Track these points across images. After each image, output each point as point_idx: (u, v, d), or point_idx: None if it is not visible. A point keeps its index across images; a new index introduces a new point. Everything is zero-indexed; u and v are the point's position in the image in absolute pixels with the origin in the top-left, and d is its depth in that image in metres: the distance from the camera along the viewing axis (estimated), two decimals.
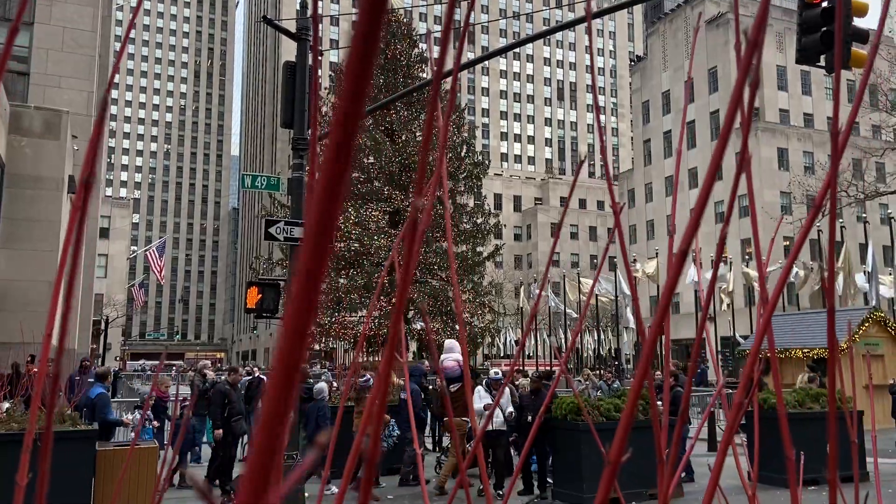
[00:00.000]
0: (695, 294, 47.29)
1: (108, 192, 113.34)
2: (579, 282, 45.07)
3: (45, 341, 0.55)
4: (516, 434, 10.13)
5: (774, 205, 54.18)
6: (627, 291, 41.39)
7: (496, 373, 11.41)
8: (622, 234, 0.72)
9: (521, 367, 33.45)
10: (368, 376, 10.92)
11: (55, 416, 3.73)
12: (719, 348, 38.36)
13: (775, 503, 6.99)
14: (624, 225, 73.58)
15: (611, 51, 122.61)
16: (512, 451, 10.23)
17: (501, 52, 9.31)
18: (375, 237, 27.45)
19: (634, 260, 41.64)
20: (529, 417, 9.80)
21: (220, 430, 10.07)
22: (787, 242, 54.54)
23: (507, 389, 10.19)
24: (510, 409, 10.08)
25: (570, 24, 9.93)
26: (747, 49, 0.44)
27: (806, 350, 19.33)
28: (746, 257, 52.80)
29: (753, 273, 40.24)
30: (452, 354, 11.24)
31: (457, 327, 28.11)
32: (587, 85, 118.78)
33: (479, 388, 10.57)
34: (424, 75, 30.66)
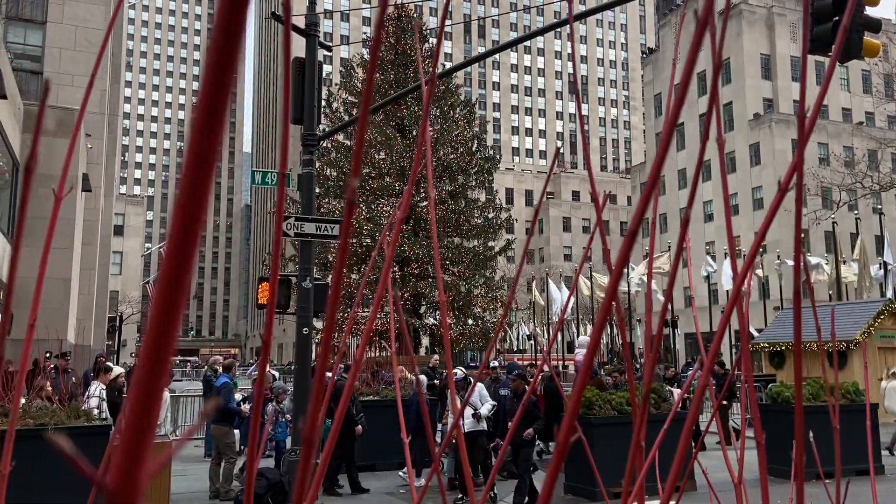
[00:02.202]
0: (708, 287, 46.98)
1: (122, 189, 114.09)
2: (591, 276, 44.94)
3: (28, 332, 0.55)
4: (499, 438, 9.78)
5: (789, 197, 53.55)
6: (634, 280, 41.21)
7: (457, 372, 11.04)
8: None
9: (533, 362, 33.42)
10: (461, 372, 10.86)
11: (70, 411, 3.77)
12: (732, 342, 38.13)
13: (786, 497, 6.92)
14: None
15: (622, 43, 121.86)
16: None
17: (510, 45, 9.27)
18: (388, 233, 27.47)
19: (646, 255, 41.42)
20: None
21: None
22: (803, 235, 53.99)
23: (479, 387, 9.89)
24: (484, 408, 9.77)
25: (582, 16, 9.87)
26: (696, 29, 0.43)
27: (821, 343, 19.15)
28: (761, 250, 52.41)
29: (767, 267, 39.92)
30: (584, 350, 11.48)
31: (470, 322, 28.10)
32: (598, 78, 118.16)
33: (480, 385, 10.35)
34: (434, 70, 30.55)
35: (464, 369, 11.47)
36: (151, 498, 7.81)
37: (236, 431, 10.66)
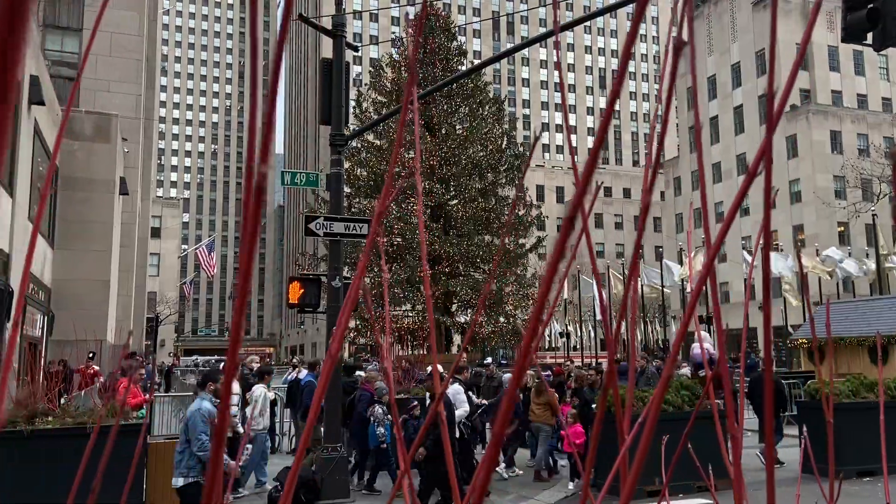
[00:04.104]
0: (744, 283, 46.17)
1: (159, 192, 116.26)
2: (623, 273, 44.43)
3: (13, 330, 0.55)
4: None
5: (828, 190, 52.46)
6: (677, 280, 40.65)
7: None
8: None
9: (569, 359, 33.20)
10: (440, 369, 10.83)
11: (108, 410, 3.82)
12: (771, 338, 37.46)
13: (818, 494, 6.75)
14: (670, 214, 72.24)
15: (654, 36, 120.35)
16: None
17: (538, 40, 9.20)
18: (417, 231, 27.52)
19: (681, 249, 40.83)
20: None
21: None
22: (842, 228, 52.79)
23: (454, 389, 9.39)
24: (461, 410, 9.27)
25: (611, 9, 9.76)
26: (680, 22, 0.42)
27: (861, 338, 18.70)
28: (799, 244, 51.27)
29: (806, 261, 39.06)
30: (703, 344, 11.96)
31: (501, 320, 28.02)
32: (630, 72, 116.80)
33: (457, 385, 9.77)
34: (463, 68, 30.55)
35: (440, 367, 11.07)
36: None
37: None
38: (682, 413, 9.55)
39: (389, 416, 10.21)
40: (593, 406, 10.06)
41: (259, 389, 10.27)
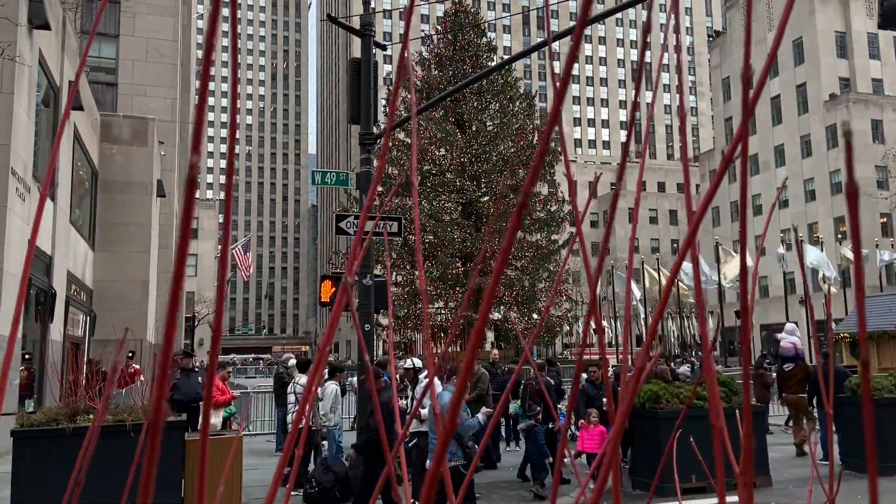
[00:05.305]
0: (783, 277, 45.25)
1: (196, 194, 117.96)
2: (659, 268, 43.89)
3: (13, 324, 0.56)
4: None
5: (869, 180, 51.06)
6: (714, 276, 40.02)
7: (415, 361, 9.96)
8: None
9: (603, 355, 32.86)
10: (418, 362, 10.61)
11: (142, 407, 3.92)
12: (810, 333, 36.63)
13: (859, 491, 6.59)
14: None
15: (687, 27, 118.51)
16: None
17: (565, 34, 9.13)
18: (449, 228, 27.54)
19: (718, 244, 40.11)
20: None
21: None
22: (885, 219, 51.36)
23: (439, 387, 8.52)
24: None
25: (639, 0, 9.64)
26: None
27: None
28: (840, 236, 50.02)
29: (849, 254, 38.10)
30: (791, 337, 12.23)
31: (534, 316, 27.90)
32: (664, 64, 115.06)
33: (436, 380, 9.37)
34: (492, 64, 30.43)
35: (417, 360, 10.63)
36: (224, 489, 8.08)
37: None
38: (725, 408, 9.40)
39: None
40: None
41: (331, 386, 10.31)
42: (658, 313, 0.57)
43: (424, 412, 8.62)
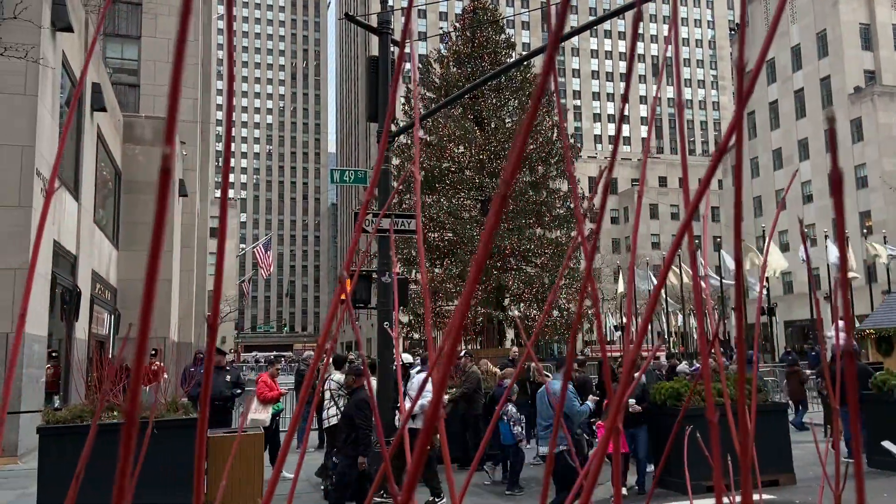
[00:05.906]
0: (808, 273, 44.62)
1: (217, 193, 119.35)
2: (680, 264, 43.49)
3: (18, 323, 0.56)
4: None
5: (894, 174, 50.15)
6: (732, 268, 39.54)
7: (408, 358, 9.92)
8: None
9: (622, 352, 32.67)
10: (410, 358, 10.43)
11: (170, 405, 3.96)
12: (744, 327, 36.15)
13: (887, 489, 6.48)
14: (728, 203, 70.32)
15: (709, 21, 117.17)
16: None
17: (586, 28, 9.06)
18: (468, 226, 27.52)
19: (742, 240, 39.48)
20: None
21: None
22: None
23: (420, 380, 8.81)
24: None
25: None
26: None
27: None
28: (865, 231, 49.20)
29: (876, 248, 37.50)
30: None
31: (555, 313, 27.79)
32: (684, 59, 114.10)
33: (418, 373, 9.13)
34: (510, 60, 30.30)
35: (410, 357, 10.48)
36: (246, 485, 8.15)
37: None
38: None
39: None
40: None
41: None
42: (650, 308, 0.56)
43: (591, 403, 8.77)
